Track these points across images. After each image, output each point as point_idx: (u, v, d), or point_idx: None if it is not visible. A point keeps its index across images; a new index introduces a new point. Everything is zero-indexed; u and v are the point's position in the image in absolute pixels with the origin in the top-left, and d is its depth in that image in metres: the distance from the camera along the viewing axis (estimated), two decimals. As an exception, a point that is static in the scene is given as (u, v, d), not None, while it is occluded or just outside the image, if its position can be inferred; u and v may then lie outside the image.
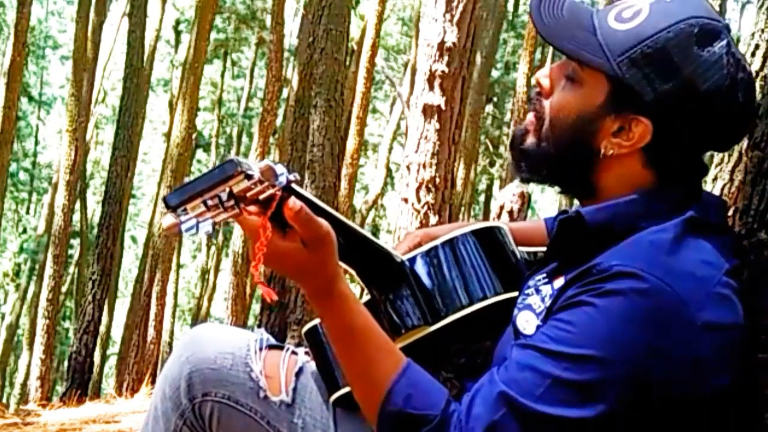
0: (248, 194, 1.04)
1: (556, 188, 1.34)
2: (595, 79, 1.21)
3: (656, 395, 1.09)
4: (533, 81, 1.32)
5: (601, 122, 1.21)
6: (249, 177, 1.03)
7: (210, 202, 1.04)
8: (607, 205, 1.21)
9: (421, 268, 1.34)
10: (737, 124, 1.23)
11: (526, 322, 1.22)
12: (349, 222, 1.24)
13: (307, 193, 1.14)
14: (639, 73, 1.17)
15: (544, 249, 1.46)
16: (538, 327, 1.19)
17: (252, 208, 1.09)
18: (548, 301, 1.20)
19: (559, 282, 1.21)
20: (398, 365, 1.17)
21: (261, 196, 1.06)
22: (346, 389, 1.34)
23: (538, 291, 1.24)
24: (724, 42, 1.18)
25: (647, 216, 1.18)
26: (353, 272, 1.31)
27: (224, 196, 1.04)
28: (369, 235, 1.31)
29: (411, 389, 1.15)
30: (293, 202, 1.10)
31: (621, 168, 1.23)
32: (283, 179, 1.07)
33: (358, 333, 1.18)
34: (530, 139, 1.28)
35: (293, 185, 1.10)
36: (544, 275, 1.25)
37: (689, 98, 1.17)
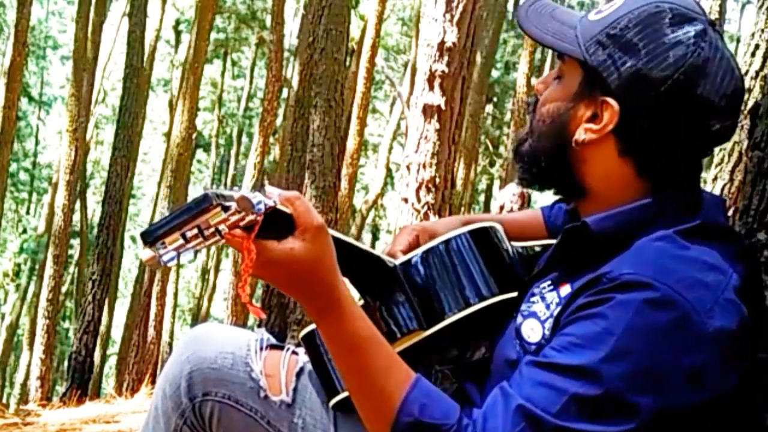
0: (227, 224, 1.04)
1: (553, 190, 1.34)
2: (572, 69, 1.24)
3: (670, 403, 1.07)
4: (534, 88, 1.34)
5: (575, 110, 1.23)
6: (225, 209, 1.02)
7: (189, 234, 1.03)
8: (611, 213, 1.20)
9: (415, 272, 1.33)
10: (708, 117, 1.17)
11: (531, 330, 1.21)
12: (337, 233, 1.23)
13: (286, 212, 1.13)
14: (604, 53, 1.19)
15: (539, 243, 1.46)
16: (543, 335, 1.19)
17: (236, 232, 1.07)
18: (554, 308, 1.19)
19: (566, 289, 1.20)
20: (410, 375, 1.15)
21: (241, 224, 1.05)
22: (346, 393, 1.33)
23: (543, 298, 1.23)
24: (697, 28, 1.17)
25: (652, 223, 1.17)
26: (346, 281, 1.30)
27: (203, 227, 1.03)
28: (358, 243, 1.30)
29: (425, 399, 1.13)
30: (291, 193, 1.11)
31: (599, 158, 1.22)
32: (261, 207, 1.05)
33: (368, 342, 1.15)
34: (526, 142, 1.31)
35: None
36: (549, 282, 1.24)
37: (650, 78, 1.15)
